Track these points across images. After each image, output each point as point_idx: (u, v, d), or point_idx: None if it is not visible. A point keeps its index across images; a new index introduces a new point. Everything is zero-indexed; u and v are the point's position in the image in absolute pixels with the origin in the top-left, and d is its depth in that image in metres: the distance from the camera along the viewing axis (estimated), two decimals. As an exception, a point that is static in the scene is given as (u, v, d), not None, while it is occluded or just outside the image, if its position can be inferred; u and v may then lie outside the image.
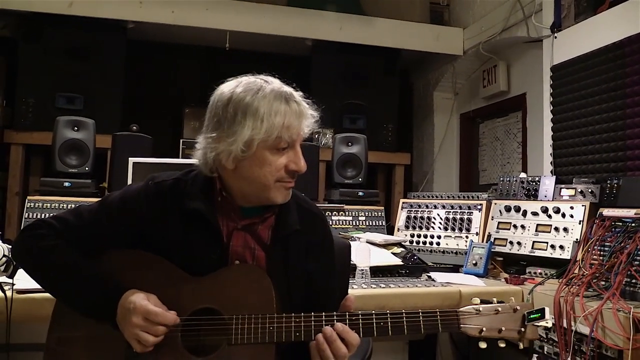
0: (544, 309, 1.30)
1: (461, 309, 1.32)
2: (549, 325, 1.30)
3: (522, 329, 1.30)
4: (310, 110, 1.40)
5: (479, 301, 1.33)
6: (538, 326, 1.30)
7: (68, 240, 1.38)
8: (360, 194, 3.48)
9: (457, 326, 1.31)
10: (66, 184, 2.97)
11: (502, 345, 1.31)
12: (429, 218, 3.07)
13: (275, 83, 1.39)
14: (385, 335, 1.31)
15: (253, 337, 1.30)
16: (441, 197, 3.16)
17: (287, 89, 1.39)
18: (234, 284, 1.35)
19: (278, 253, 1.43)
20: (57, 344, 1.36)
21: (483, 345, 1.31)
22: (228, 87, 1.38)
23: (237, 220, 1.43)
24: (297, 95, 1.39)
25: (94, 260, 1.39)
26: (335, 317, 1.32)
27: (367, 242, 2.56)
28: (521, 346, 1.32)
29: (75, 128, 3.08)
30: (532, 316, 1.30)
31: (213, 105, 1.39)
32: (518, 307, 1.31)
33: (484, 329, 1.30)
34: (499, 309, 1.31)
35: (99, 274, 1.37)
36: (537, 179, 2.84)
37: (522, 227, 2.69)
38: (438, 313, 1.32)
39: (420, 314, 1.32)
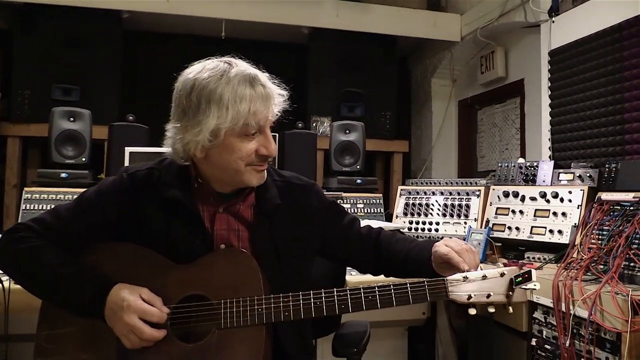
0: (530, 271, 1.32)
1: (449, 277, 1.32)
2: (537, 288, 1.31)
3: (510, 293, 1.31)
4: (278, 90, 1.37)
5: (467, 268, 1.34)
6: (526, 289, 1.31)
7: (49, 240, 1.37)
8: (359, 181, 3.48)
9: (445, 294, 1.32)
10: (63, 175, 2.97)
11: (492, 310, 1.33)
12: (427, 204, 3.07)
13: (240, 65, 1.35)
14: (374, 308, 1.32)
15: (242, 320, 1.31)
16: (439, 183, 3.15)
17: (253, 71, 1.35)
18: (221, 268, 1.35)
19: (263, 228, 1.44)
20: (46, 342, 1.36)
21: (472, 311, 1.33)
22: (192, 74, 1.34)
23: (216, 204, 1.42)
24: (263, 76, 1.35)
25: (77, 257, 1.39)
26: (323, 294, 1.32)
27: (365, 229, 2.55)
28: (510, 310, 1.34)
29: (71, 119, 3.08)
30: (519, 279, 1.31)
31: (177, 93, 1.35)
32: (505, 272, 1.33)
33: (473, 295, 1.31)
34: (487, 274, 1.32)
35: (85, 270, 1.36)
36: (535, 164, 2.84)
37: (521, 212, 2.69)
38: (425, 282, 1.32)
39: (408, 284, 1.32)
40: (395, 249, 1.53)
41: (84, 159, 3.05)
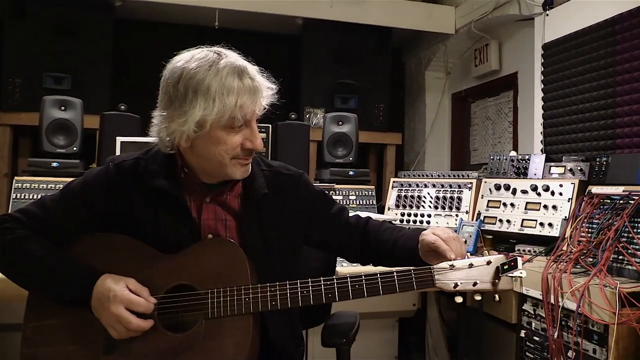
0: (516, 258, 1.32)
1: (435, 266, 1.33)
2: (523, 275, 1.31)
3: (496, 281, 1.32)
4: (266, 84, 1.35)
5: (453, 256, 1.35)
6: (512, 277, 1.32)
7: (35, 231, 1.37)
8: (351, 173, 3.48)
9: (431, 282, 1.32)
10: (54, 164, 2.95)
11: (478, 298, 1.34)
12: (419, 197, 3.07)
13: (230, 57, 1.33)
14: (361, 296, 1.33)
15: (230, 309, 1.31)
16: (431, 175, 3.16)
17: (242, 62, 1.33)
18: (207, 258, 1.35)
19: (250, 218, 1.44)
20: (33, 333, 1.36)
21: (459, 299, 1.34)
22: (180, 62, 1.32)
23: (203, 194, 1.42)
24: (252, 69, 1.34)
25: (64, 247, 1.38)
26: (310, 284, 1.33)
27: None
28: (497, 298, 1.34)
29: (62, 108, 3.06)
30: (505, 267, 1.32)
31: (164, 81, 1.34)
32: (491, 260, 1.34)
33: (459, 283, 1.32)
34: (473, 262, 1.33)
35: (71, 260, 1.36)
36: (527, 157, 2.85)
37: (512, 205, 2.70)
38: (412, 271, 1.33)
39: (395, 273, 1.33)
40: (383, 237, 1.53)
41: (75, 149, 3.04)
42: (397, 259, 1.49)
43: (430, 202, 3.03)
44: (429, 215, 3.00)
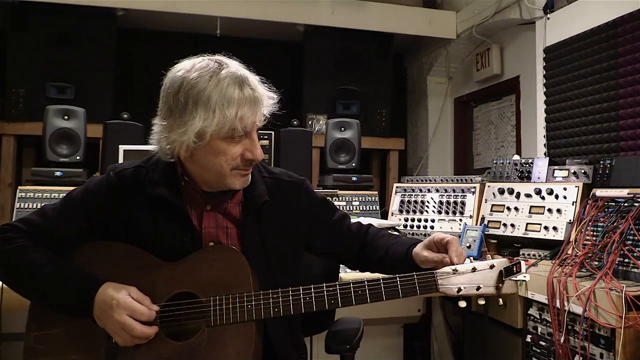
0: (519, 262, 1.32)
1: (438, 270, 1.32)
2: (527, 279, 1.31)
3: (500, 285, 1.31)
4: (267, 94, 1.35)
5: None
6: (515, 281, 1.31)
7: (36, 240, 1.36)
8: (354, 179, 3.48)
9: (435, 287, 1.31)
10: (57, 173, 2.97)
11: (482, 302, 1.33)
12: (422, 202, 3.06)
13: (231, 66, 1.32)
14: (364, 302, 1.32)
15: (232, 317, 1.31)
16: (434, 180, 3.15)
17: (243, 72, 1.32)
18: (209, 265, 1.35)
19: (251, 225, 1.43)
20: (35, 342, 1.35)
21: (463, 304, 1.33)
22: (180, 72, 1.31)
23: (204, 202, 1.42)
24: (253, 79, 1.33)
25: (65, 256, 1.38)
26: (312, 290, 1.32)
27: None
28: (500, 302, 1.34)
29: (66, 117, 3.07)
30: (509, 271, 1.31)
31: (164, 91, 1.33)
32: (495, 264, 1.33)
33: (463, 287, 1.31)
34: (476, 267, 1.32)
35: (72, 269, 1.35)
36: (530, 160, 2.84)
37: (516, 209, 2.69)
38: (415, 276, 1.32)
39: (398, 278, 1.32)
40: (379, 244, 1.53)
41: (78, 157, 3.05)
42: (387, 265, 1.49)
43: (434, 207, 3.02)
44: (433, 220, 2.99)
